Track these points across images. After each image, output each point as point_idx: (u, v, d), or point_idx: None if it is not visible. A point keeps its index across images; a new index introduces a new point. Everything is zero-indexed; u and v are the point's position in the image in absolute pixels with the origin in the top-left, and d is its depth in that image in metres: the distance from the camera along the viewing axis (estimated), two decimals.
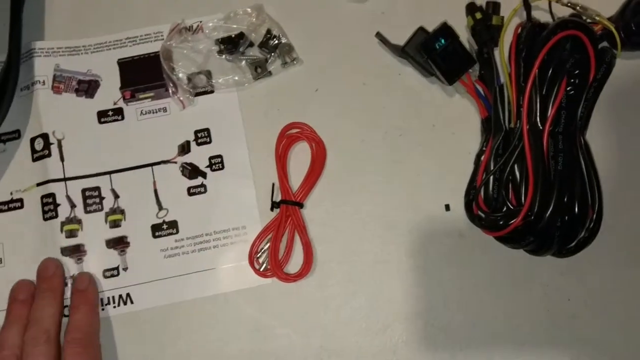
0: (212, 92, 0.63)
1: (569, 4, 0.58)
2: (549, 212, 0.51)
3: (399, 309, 0.58)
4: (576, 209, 0.52)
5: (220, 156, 0.62)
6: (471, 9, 0.60)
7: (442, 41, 0.56)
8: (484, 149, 0.57)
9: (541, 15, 0.60)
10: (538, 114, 0.53)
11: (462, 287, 0.58)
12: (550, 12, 0.59)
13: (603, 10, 0.58)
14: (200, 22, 0.64)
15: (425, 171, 0.61)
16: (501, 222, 0.54)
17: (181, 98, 0.62)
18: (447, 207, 0.59)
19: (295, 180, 0.61)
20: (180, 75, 0.63)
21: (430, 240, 0.59)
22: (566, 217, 0.52)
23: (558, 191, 0.51)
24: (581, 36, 0.53)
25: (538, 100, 0.53)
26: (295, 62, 0.63)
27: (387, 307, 0.58)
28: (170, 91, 0.63)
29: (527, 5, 0.58)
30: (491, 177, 0.55)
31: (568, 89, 0.54)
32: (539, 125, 0.53)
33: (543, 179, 0.52)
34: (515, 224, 0.52)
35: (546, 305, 0.58)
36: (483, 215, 0.55)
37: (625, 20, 0.56)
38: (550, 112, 0.52)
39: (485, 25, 0.59)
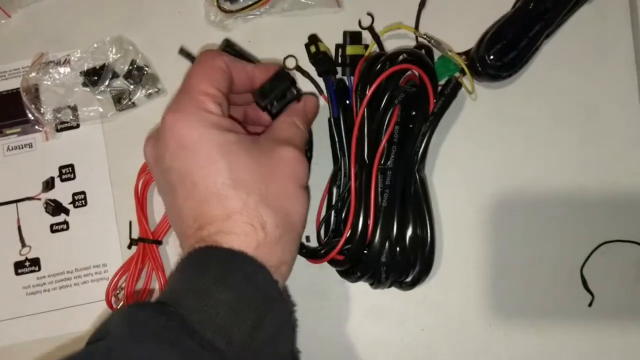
0: (77, 126, 0.63)
1: (425, 36, 0.56)
2: (372, 248, 0.50)
3: None
4: (407, 245, 0.51)
5: (83, 192, 0.62)
6: (310, 41, 0.58)
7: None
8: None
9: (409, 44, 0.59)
10: (366, 148, 0.51)
11: None
12: (417, 41, 0.58)
13: (469, 42, 0.57)
14: (68, 55, 0.63)
15: None
16: (322, 252, 0.52)
17: (45, 130, 0.62)
18: (307, 239, 0.58)
19: (159, 216, 0.60)
20: (44, 108, 0.62)
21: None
22: (394, 254, 0.51)
23: (382, 228, 0.50)
24: (415, 69, 0.51)
25: (367, 134, 0.51)
26: (159, 93, 0.62)
27: None
28: (34, 125, 0.62)
29: (374, 36, 0.56)
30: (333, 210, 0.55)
31: (403, 123, 0.52)
32: (366, 160, 0.51)
33: (364, 215, 0.50)
34: (331, 255, 0.51)
35: (401, 335, 0.58)
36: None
37: (481, 52, 0.54)
38: (380, 147, 0.51)
39: (319, 59, 0.57)
